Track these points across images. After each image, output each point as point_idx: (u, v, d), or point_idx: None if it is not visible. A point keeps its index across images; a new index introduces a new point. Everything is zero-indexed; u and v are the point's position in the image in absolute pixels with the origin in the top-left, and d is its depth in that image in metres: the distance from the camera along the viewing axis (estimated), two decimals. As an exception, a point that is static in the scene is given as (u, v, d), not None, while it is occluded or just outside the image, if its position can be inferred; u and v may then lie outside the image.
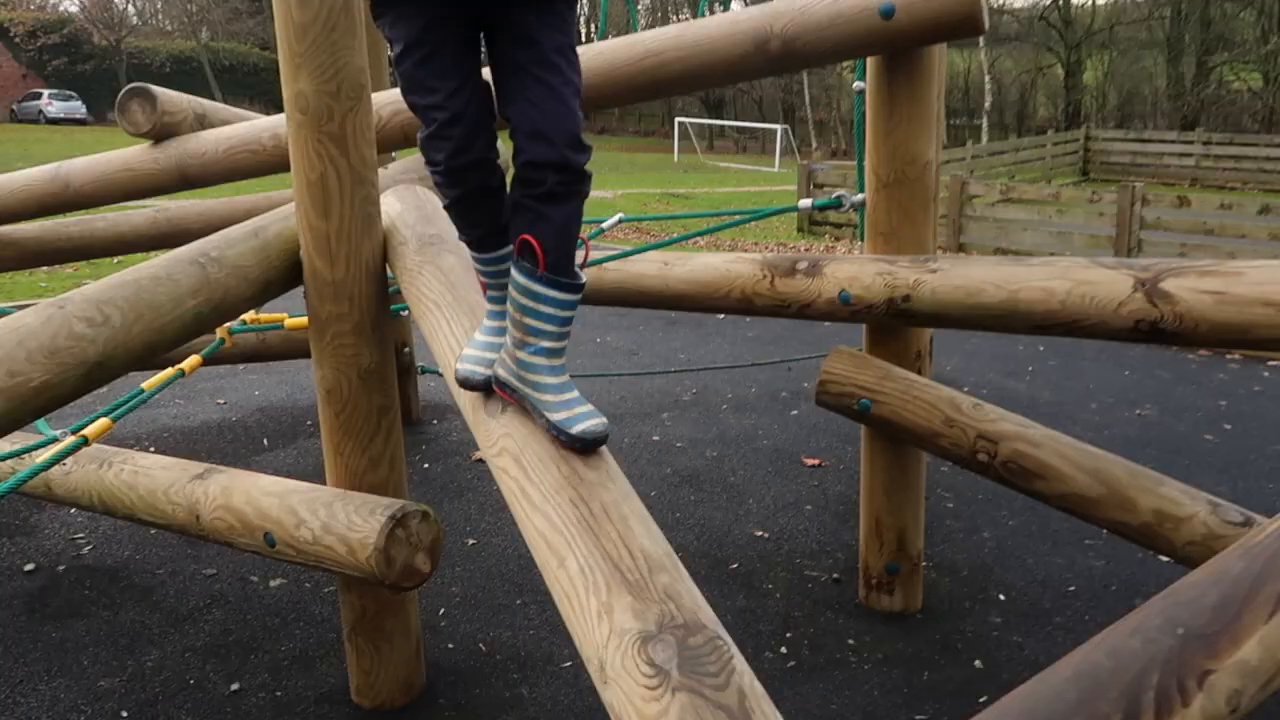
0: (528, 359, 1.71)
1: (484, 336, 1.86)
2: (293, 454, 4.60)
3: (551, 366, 1.71)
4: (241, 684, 2.82)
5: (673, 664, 1.27)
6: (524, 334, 1.70)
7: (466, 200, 1.75)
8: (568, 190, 1.63)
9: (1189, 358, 6.61)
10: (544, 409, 1.69)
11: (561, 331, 1.69)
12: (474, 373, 1.82)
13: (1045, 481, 2.58)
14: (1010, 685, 2.92)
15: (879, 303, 2.59)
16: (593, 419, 1.67)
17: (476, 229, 1.79)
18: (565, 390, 1.71)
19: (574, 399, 1.70)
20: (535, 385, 1.72)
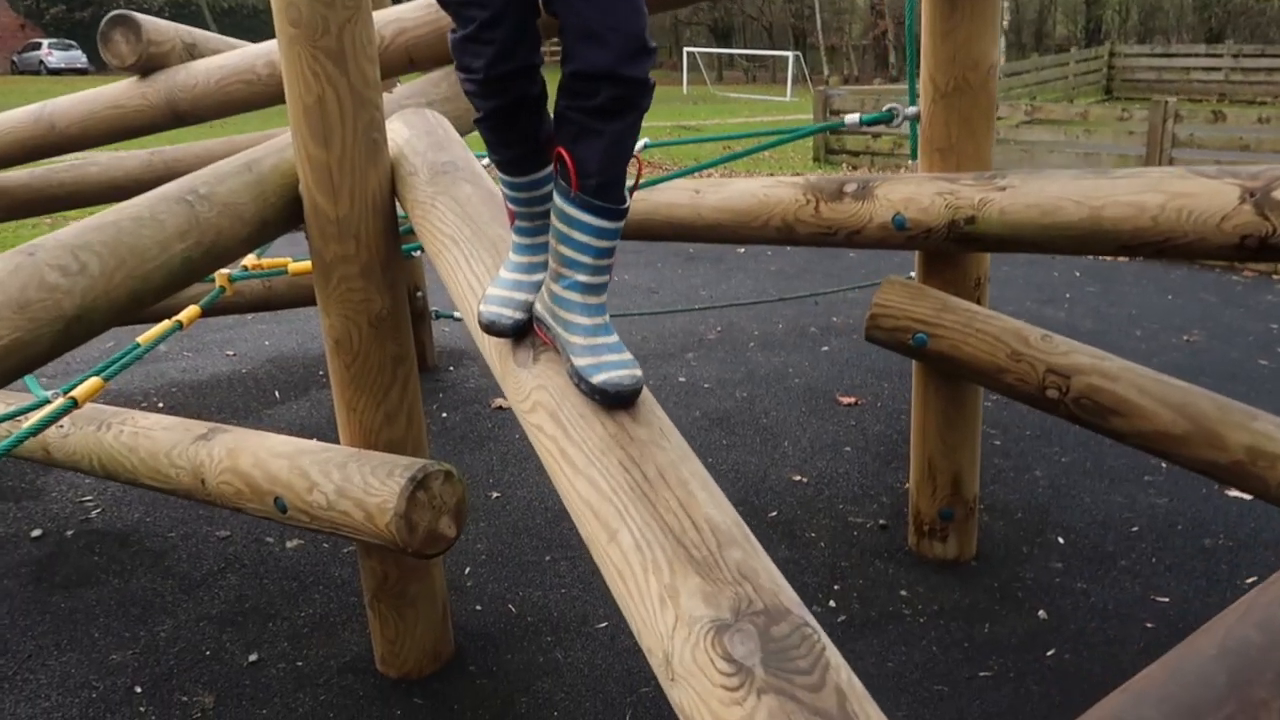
0: (561, 292, 1.50)
1: (510, 274, 1.63)
2: (305, 406, 4.40)
3: (586, 304, 1.48)
4: (260, 654, 2.65)
5: (755, 659, 1.07)
6: (559, 264, 1.49)
7: (503, 114, 1.50)
8: (624, 104, 1.38)
9: (1234, 279, 6.34)
10: (570, 351, 1.49)
11: (599, 264, 1.46)
12: (500, 316, 1.59)
13: (1123, 419, 2.35)
14: (1079, 636, 2.77)
15: (939, 226, 2.34)
16: (620, 369, 1.45)
17: (511, 148, 1.54)
18: (599, 333, 1.49)
19: (606, 344, 1.48)
20: (566, 324, 1.50)
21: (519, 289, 1.60)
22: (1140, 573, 2.93)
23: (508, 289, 1.61)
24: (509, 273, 1.63)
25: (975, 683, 2.47)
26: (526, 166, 1.54)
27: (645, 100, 1.38)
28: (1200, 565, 2.96)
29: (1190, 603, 2.76)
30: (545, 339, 1.56)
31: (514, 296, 1.60)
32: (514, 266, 1.63)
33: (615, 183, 1.42)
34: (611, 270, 1.49)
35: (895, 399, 4.30)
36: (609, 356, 1.45)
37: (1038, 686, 2.45)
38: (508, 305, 1.60)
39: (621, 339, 1.53)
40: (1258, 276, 6.40)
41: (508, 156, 1.55)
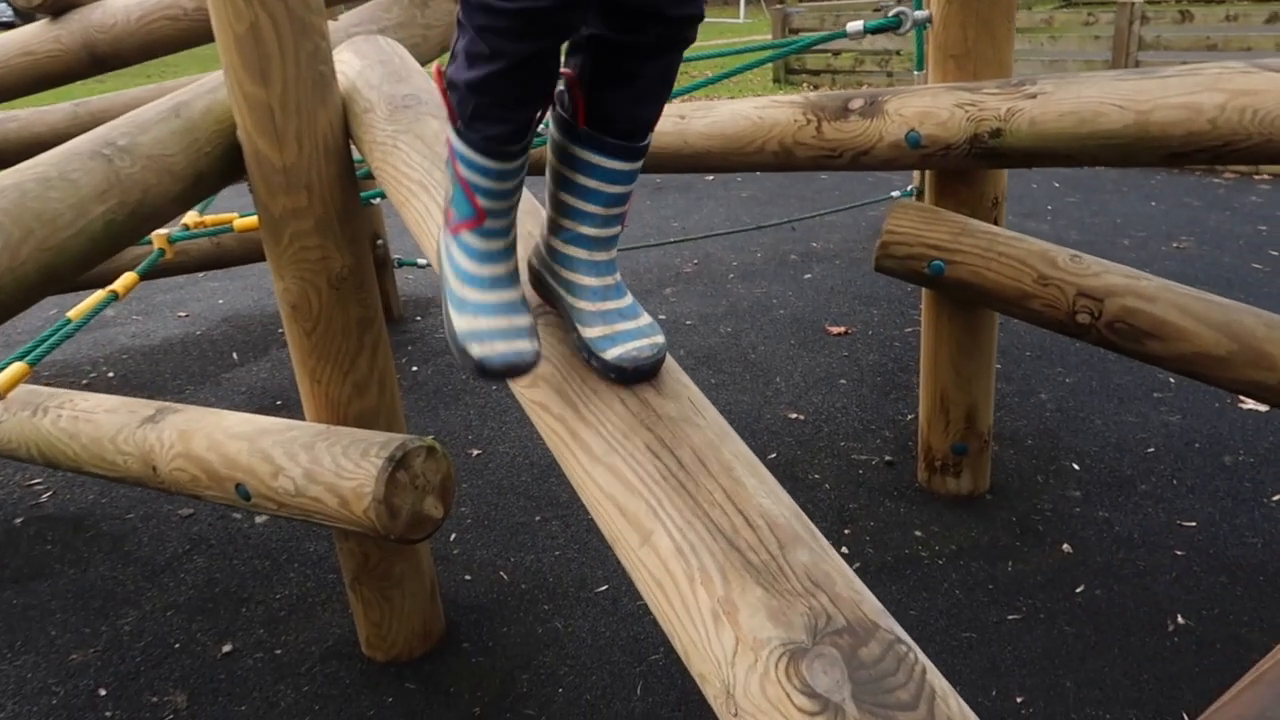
0: (561, 247, 1.26)
1: (492, 293, 1.22)
2: (266, 367, 4.13)
3: (593, 262, 1.25)
4: (234, 644, 2.45)
5: (845, 692, 0.87)
6: (558, 213, 1.24)
7: (534, 64, 1.09)
8: (673, 41, 1.13)
9: (1215, 182, 6.19)
10: (575, 318, 1.25)
11: (609, 214, 1.23)
12: (516, 354, 1.18)
13: (1161, 342, 2.17)
14: (1107, 569, 2.62)
15: (959, 142, 2.11)
16: (638, 339, 1.21)
17: (518, 114, 1.15)
18: (610, 296, 1.26)
19: (618, 309, 1.25)
20: (569, 286, 1.27)
21: (516, 310, 1.22)
22: (1162, 497, 2.79)
23: (501, 314, 1.21)
24: (488, 292, 1.21)
25: (1004, 627, 2.33)
26: (522, 143, 1.18)
27: (694, 34, 1.13)
28: (1223, 485, 2.82)
29: (1218, 526, 2.63)
30: (544, 300, 1.33)
31: (515, 322, 1.20)
32: (492, 281, 1.22)
33: (644, 125, 1.18)
34: (625, 220, 1.25)
35: (886, 326, 4.12)
36: (623, 325, 1.22)
37: (1070, 627, 2.31)
38: (516, 335, 1.19)
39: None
40: (1238, 178, 6.26)
41: (504, 130, 1.15)
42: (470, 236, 1.22)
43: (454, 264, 1.24)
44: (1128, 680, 2.14)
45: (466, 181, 1.20)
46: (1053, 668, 2.19)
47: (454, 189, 1.23)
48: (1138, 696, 2.10)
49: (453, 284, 1.23)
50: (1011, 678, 2.17)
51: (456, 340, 1.20)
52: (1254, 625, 2.27)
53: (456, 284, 1.22)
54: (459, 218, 1.23)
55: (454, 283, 1.23)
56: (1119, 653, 2.23)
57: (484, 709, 2.19)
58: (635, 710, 2.15)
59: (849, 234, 5.43)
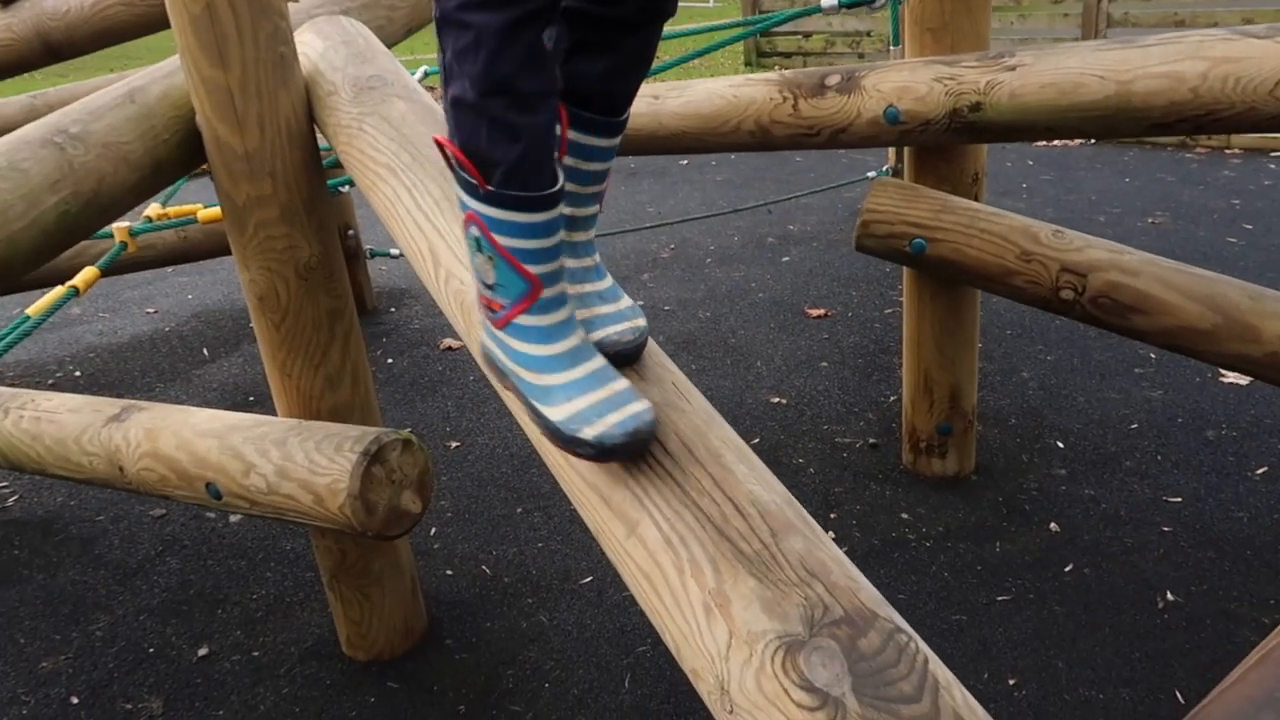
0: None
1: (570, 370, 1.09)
2: (238, 362, 4.05)
3: (571, 243, 1.18)
4: (211, 646, 2.38)
5: (845, 686, 0.83)
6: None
7: (524, 31, 0.98)
8: (654, 14, 1.07)
9: (1188, 157, 6.20)
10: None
11: (585, 192, 1.17)
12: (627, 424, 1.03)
13: (1146, 316, 2.14)
14: (1095, 548, 2.61)
15: (938, 117, 2.07)
16: (618, 323, 1.13)
17: (534, 108, 1.02)
18: (588, 278, 1.18)
19: (597, 292, 1.17)
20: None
21: (608, 376, 1.08)
22: (1147, 473, 2.77)
23: (596, 386, 1.07)
24: (571, 369, 1.08)
25: (995, 608, 2.30)
26: (548, 175, 1.04)
27: (674, 7, 1.08)
28: (1207, 459, 2.81)
29: (1204, 501, 2.62)
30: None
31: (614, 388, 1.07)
32: (572, 355, 1.08)
33: (622, 102, 1.13)
34: (603, 200, 1.20)
35: (866, 307, 4.09)
36: (603, 308, 1.17)
37: (1060, 607, 2.29)
38: (622, 401, 1.05)
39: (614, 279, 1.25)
40: (1211, 153, 6.27)
41: (523, 150, 1.01)
42: (528, 318, 1.09)
43: (519, 358, 1.10)
44: (1119, 659, 2.12)
45: (509, 252, 1.06)
46: (1044, 648, 2.17)
47: (495, 271, 1.08)
48: (1130, 675, 2.08)
49: (527, 379, 1.09)
50: (1003, 660, 2.15)
51: (562, 434, 1.05)
52: (1243, 600, 2.26)
53: (532, 376, 1.09)
54: (511, 301, 1.08)
55: (528, 376, 1.09)
56: (1109, 631, 2.21)
57: (469, 706, 2.14)
58: (624, 703, 2.11)
59: (826, 216, 5.40)
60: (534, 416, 1.10)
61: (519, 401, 1.11)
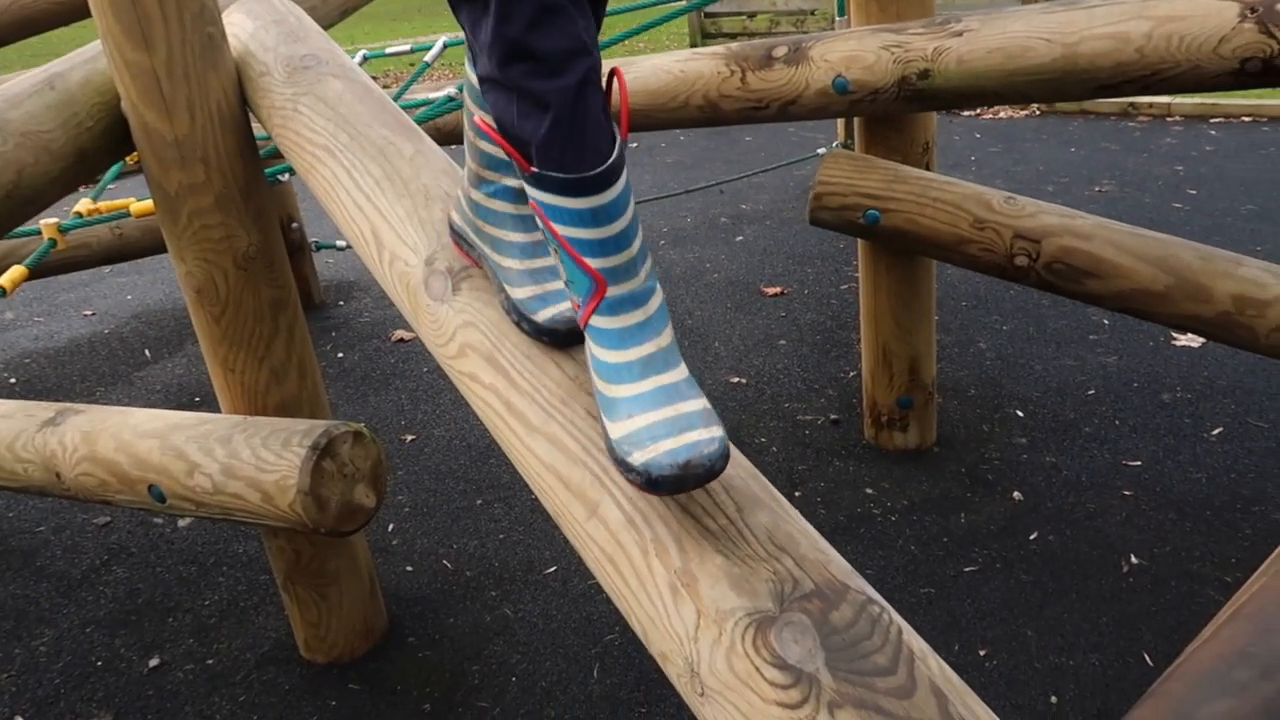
0: (484, 201, 1.16)
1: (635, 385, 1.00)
2: (182, 363, 3.94)
3: (519, 216, 1.16)
4: (162, 656, 2.30)
5: (818, 661, 0.80)
6: (479, 164, 1.14)
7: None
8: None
9: (1131, 125, 6.27)
10: (503, 277, 1.15)
11: None
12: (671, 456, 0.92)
13: (1100, 280, 2.14)
14: (1058, 515, 2.61)
15: (887, 86, 2.05)
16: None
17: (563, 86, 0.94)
18: (539, 253, 1.16)
19: (548, 267, 1.16)
20: (494, 242, 1.17)
21: (681, 395, 0.98)
22: (1106, 438, 2.79)
23: (662, 404, 0.97)
24: (639, 381, 0.98)
25: (962, 579, 2.30)
26: (591, 137, 0.95)
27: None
28: (1164, 422, 2.83)
29: (1163, 464, 2.64)
30: (468, 258, 1.23)
31: (682, 409, 0.96)
32: (644, 366, 0.99)
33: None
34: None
35: (822, 284, 4.08)
36: (555, 284, 1.13)
37: (1027, 575, 2.29)
38: (686, 426, 0.94)
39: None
40: (1152, 120, 6.35)
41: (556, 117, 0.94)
42: (599, 319, 1.00)
43: (594, 363, 1.02)
44: (1087, 624, 2.13)
45: (568, 242, 0.98)
46: (1013, 618, 2.17)
47: (563, 265, 1.01)
48: (1098, 640, 2.08)
49: (599, 388, 1.00)
50: (973, 631, 2.14)
51: (613, 454, 0.96)
52: (1205, 560, 2.27)
53: (603, 385, 1.00)
54: (583, 299, 1.01)
55: (600, 385, 1.00)
56: (1076, 597, 2.21)
57: (434, 705, 2.09)
58: (593, 693, 2.07)
59: (778, 194, 5.38)
60: (601, 430, 1.02)
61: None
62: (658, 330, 1.01)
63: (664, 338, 1.01)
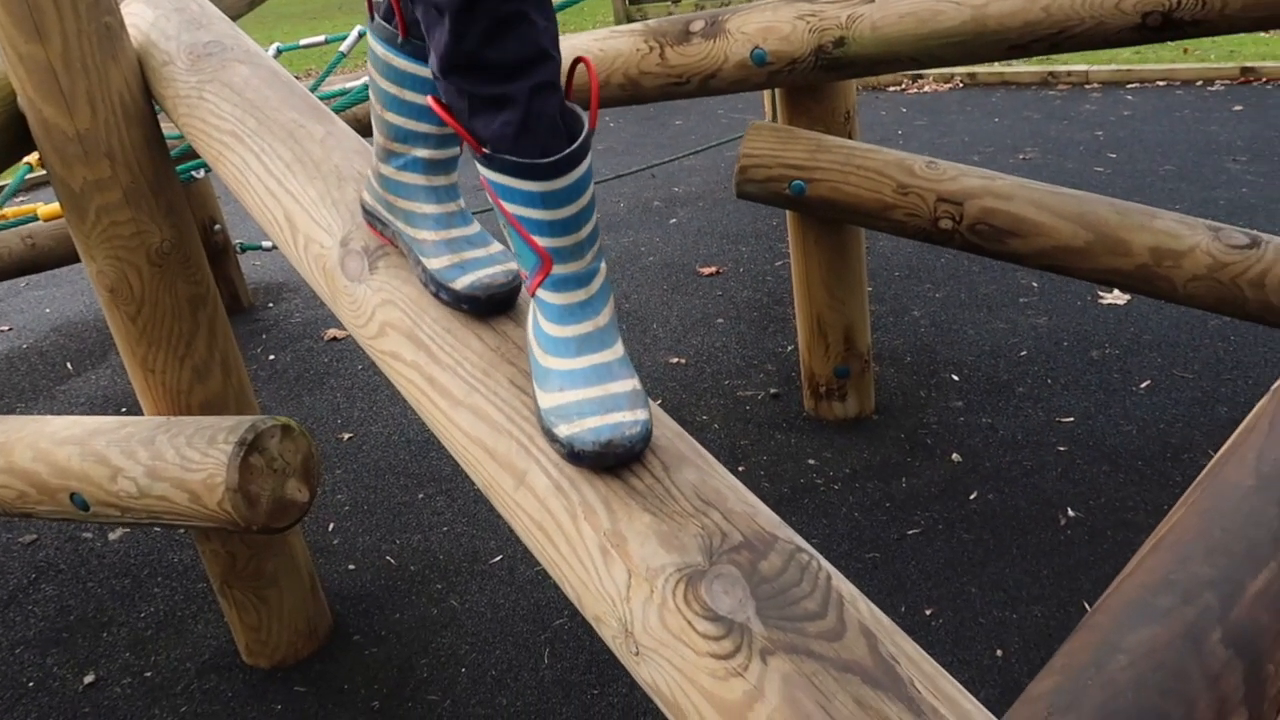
0: (395, 175, 1.14)
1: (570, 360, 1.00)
2: (106, 374, 3.83)
3: (432, 188, 1.14)
4: (98, 673, 2.24)
5: (749, 610, 0.79)
6: (388, 138, 1.11)
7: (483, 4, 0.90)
8: None
9: (1051, 94, 6.39)
10: (418, 250, 1.13)
11: (446, 132, 1.11)
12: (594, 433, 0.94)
13: (1022, 239, 2.17)
14: (996, 473, 2.65)
15: (804, 55, 2.05)
16: (489, 266, 1.10)
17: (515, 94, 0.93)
18: (454, 224, 1.14)
19: (464, 236, 1.14)
20: (407, 216, 1.15)
21: (613, 375, 0.99)
22: (1039, 397, 2.84)
23: (593, 382, 0.98)
24: (574, 357, 0.99)
25: (906, 542, 2.32)
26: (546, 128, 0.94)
27: None
28: (1094, 378, 2.89)
29: (1094, 418, 2.69)
30: (382, 237, 1.20)
31: (612, 389, 0.97)
32: (580, 343, 0.99)
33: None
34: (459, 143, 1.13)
35: (756, 261, 4.09)
36: (472, 252, 1.11)
37: (969, 534, 2.32)
38: (613, 406, 0.96)
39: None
40: (1072, 89, 6.48)
41: (513, 117, 0.93)
42: (545, 293, 1.00)
43: (537, 331, 1.02)
44: (1028, 578, 2.16)
45: (516, 220, 0.98)
46: (956, 576, 2.20)
47: (513, 239, 1.01)
48: (1039, 592, 2.12)
49: (536, 355, 1.01)
50: (918, 591, 2.16)
51: (541, 424, 0.98)
52: (1139, 509, 2.32)
53: (540, 354, 1.01)
54: (530, 271, 1.01)
55: (537, 353, 1.01)
56: (1017, 552, 2.24)
57: (383, 702, 2.06)
58: (545, 678, 2.06)
59: (709, 176, 5.39)
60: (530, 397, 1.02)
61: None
62: (597, 310, 1.01)
63: (602, 317, 1.02)
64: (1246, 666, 0.88)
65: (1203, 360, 2.91)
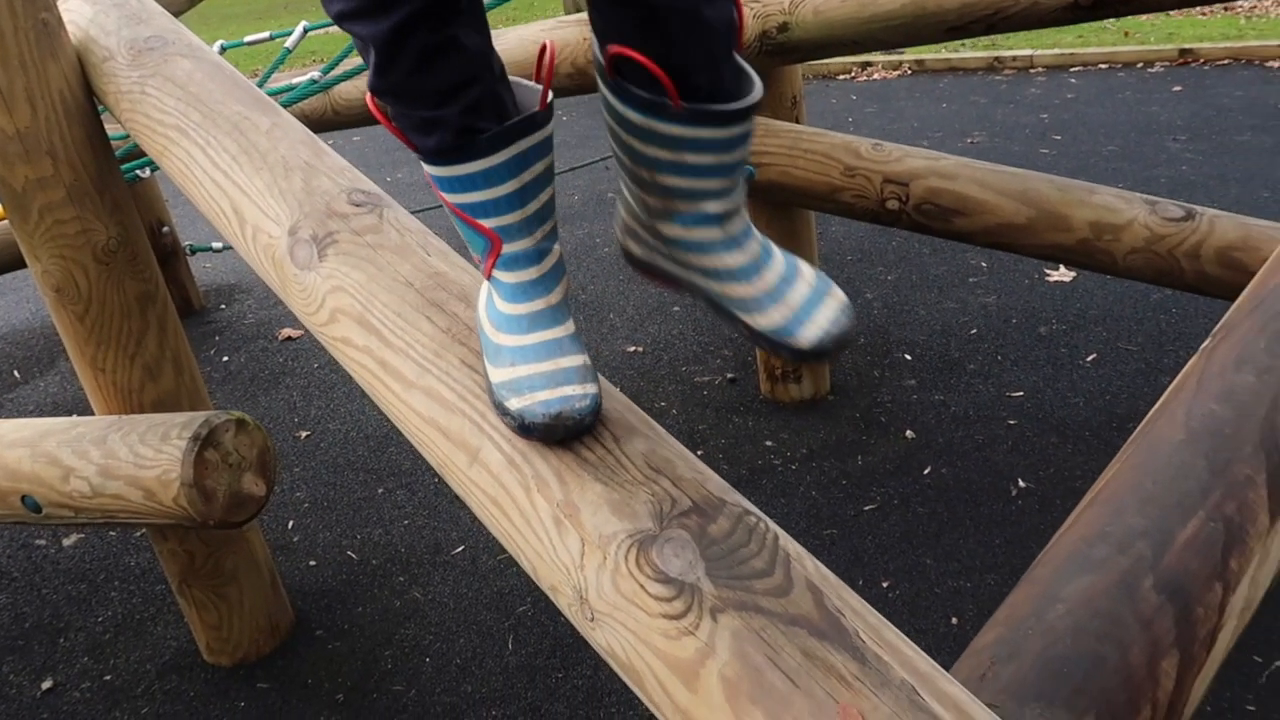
0: (683, 234, 0.98)
1: (528, 335, 0.99)
2: (55, 380, 3.77)
3: (729, 238, 0.98)
4: (55, 679, 2.21)
5: (699, 571, 0.81)
6: (667, 198, 0.97)
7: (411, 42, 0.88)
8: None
9: (997, 79, 6.49)
10: (739, 309, 0.99)
11: (731, 184, 0.97)
12: (561, 403, 0.94)
13: (967, 217, 2.22)
14: (949, 448, 2.71)
15: (749, 41, 2.08)
16: (823, 302, 0.97)
17: (445, 117, 0.92)
18: (764, 266, 0.98)
19: (781, 278, 0.98)
20: (713, 273, 1.00)
21: (563, 350, 0.98)
22: (990, 373, 2.89)
23: (544, 358, 0.97)
24: (526, 334, 0.98)
25: (863, 518, 2.36)
26: (489, 142, 0.92)
27: None
28: (1042, 354, 2.96)
29: (1043, 392, 2.75)
30: (662, 284, 1.08)
31: (562, 364, 0.97)
32: (531, 320, 0.99)
33: (725, 69, 0.91)
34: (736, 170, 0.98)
35: (711, 250, 4.12)
36: (798, 291, 0.97)
37: (923, 508, 2.37)
38: (563, 380, 0.95)
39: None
40: (1017, 73, 6.59)
41: (445, 136, 0.92)
42: (499, 272, 0.99)
43: (490, 310, 1.01)
44: (982, 548, 2.21)
45: (459, 208, 0.97)
46: (912, 549, 2.24)
47: (459, 227, 1.00)
48: (992, 561, 2.17)
49: (487, 332, 1.01)
50: (875, 565, 2.21)
51: (492, 398, 0.97)
52: (1087, 478, 2.38)
53: (491, 331, 1.00)
54: (481, 254, 1.00)
55: (488, 330, 1.00)
56: (970, 524, 2.29)
57: (348, 694, 2.06)
58: (509, 664, 2.07)
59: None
60: (481, 375, 1.01)
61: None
62: (549, 288, 1.01)
63: (554, 295, 1.02)
64: (1177, 610, 0.92)
65: (1146, 333, 2.99)
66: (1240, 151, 4.40)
